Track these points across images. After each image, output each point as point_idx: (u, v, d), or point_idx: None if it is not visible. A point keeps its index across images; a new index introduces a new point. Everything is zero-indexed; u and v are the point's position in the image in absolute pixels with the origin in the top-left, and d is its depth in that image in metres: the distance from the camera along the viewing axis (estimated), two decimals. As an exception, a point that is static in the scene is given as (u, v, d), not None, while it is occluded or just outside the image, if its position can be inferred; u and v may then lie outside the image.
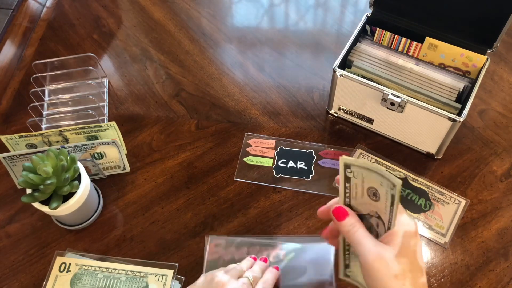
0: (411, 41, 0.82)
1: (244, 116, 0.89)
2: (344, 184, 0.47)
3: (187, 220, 0.76)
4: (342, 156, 0.45)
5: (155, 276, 0.70)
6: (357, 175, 0.45)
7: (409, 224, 0.45)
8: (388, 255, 0.43)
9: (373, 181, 0.45)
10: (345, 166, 0.46)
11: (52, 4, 1.09)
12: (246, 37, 1.03)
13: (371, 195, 0.46)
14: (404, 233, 0.44)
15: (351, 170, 0.46)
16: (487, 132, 0.86)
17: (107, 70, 0.96)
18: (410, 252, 0.43)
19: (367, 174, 0.45)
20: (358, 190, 0.47)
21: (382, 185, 0.44)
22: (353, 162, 0.45)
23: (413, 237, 0.44)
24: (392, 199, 0.44)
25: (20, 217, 0.77)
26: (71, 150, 0.75)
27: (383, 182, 0.44)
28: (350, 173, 0.46)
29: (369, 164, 0.44)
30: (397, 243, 0.43)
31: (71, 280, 0.70)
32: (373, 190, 0.45)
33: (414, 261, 0.43)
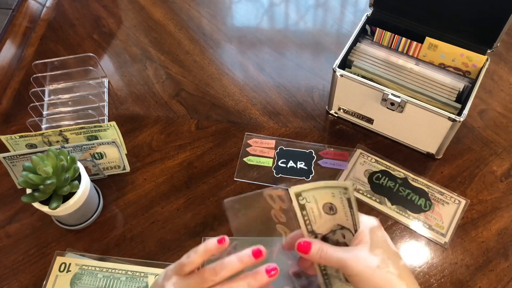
0: (411, 41, 0.82)
1: (244, 116, 0.89)
2: (301, 213, 0.47)
3: (187, 220, 0.76)
4: (290, 188, 0.46)
5: (155, 276, 0.70)
6: (310, 199, 0.47)
7: (370, 221, 0.47)
8: (363, 253, 0.45)
9: (325, 197, 0.46)
10: (296, 196, 0.46)
11: (52, 4, 1.09)
12: (246, 37, 1.03)
13: (328, 211, 0.47)
14: (369, 229, 0.46)
15: (303, 197, 0.47)
16: (487, 132, 0.86)
17: (107, 70, 0.96)
18: (381, 243, 0.46)
19: (317, 193, 0.46)
20: (315, 212, 0.48)
21: (334, 196, 0.46)
22: (301, 188, 0.46)
23: (378, 230, 0.46)
24: (349, 202, 0.46)
25: (20, 217, 0.77)
26: (71, 150, 0.75)
27: (334, 192, 0.46)
28: (302, 200, 0.47)
29: (315, 184, 0.45)
30: (367, 240, 0.46)
31: (71, 280, 0.70)
32: (328, 205, 0.47)
33: (388, 249, 0.46)
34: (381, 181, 0.80)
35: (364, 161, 0.82)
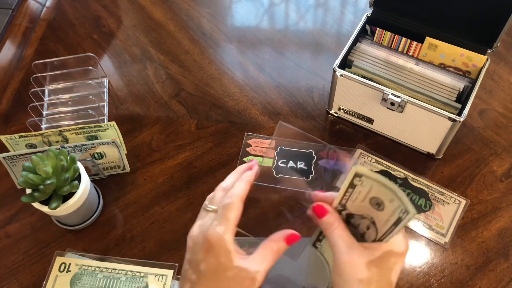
0: (411, 41, 0.82)
1: (244, 116, 0.89)
2: (346, 188, 0.45)
3: (187, 220, 0.76)
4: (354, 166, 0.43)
5: (155, 276, 0.70)
6: (365, 184, 0.44)
7: (398, 244, 0.44)
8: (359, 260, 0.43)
9: (383, 194, 0.43)
10: (356, 174, 0.43)
11: (52, 4, 1.09)
12: (246, 37, 1.02)
13: (374, 204, 0.44)
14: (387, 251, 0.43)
15: (361, 180, 0.43)
16: (487, 132, 0.86)
17: (107, 70, 0.96)
18: (385, 267, 0.43)
19: (378, 187, 0.43)
20: (360, 196, 0.45)
21: (391, 202, 0.43)
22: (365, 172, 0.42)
23: (395, 256, 0.43)
24: (397, 221, 0.42)
25: (20, 217, 0.77)
26: (71, 150, 0.75)
27: (395, 201, 0.42)
28: (358, 181, 0.44)
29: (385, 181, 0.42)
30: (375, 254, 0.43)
31: (71, 280, 0.70)
32: (378, 200, 0.44)
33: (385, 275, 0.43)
34: (381, 181, 0.80)
35: (364, 161, 0.82)
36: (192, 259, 0.45)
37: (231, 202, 0.46)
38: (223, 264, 0.42)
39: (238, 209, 0.46)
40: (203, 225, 0.46)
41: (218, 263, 0.43)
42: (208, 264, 0.43)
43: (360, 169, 0.43)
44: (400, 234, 0.44)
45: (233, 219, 0.45)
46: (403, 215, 0.41)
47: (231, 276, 0.42)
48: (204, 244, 0.44)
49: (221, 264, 0.43)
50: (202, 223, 0.46)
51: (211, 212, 0.47)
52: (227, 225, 0.44)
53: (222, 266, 0.42)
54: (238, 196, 0.46)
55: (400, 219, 0.42)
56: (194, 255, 0.45)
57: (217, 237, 0.43)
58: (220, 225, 0.44)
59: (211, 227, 0.44)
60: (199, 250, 0.44)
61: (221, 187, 0.50)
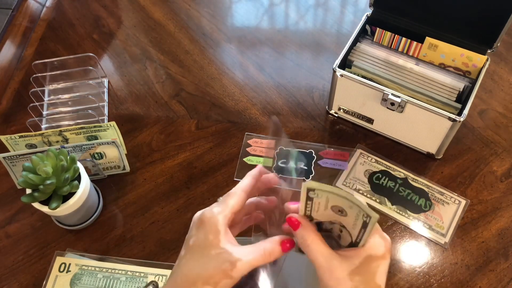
0: (411, 41, 0.82)
1: (244, 116, 0.89)
2: (305, 202, 0.44)
3: (187, 220, 0.76)
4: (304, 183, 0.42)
5: (155, 276, 0.70)
6: (321, 196, 0.43)
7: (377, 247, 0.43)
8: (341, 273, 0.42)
9: (340, 202, 0.42)
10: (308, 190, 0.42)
11: (52, 4, 1.09)
12: (246, 37, 1.02)
13: (336, 211, 0.44)
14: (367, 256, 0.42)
15: (315, 193, 0.43)
16: (487, 132, 0.86)
17: (107, 70, 0.96)
18: (368, 273, 0.42)
19: (334, 197, 0.42)
20: (321, 206, 0.44)
21: (351, 209, 0.42)
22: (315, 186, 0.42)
23: (375, 260, 0.42)
24: (364, 224, 0.42)
25: (20, 217, 0.77)
26: (71, 150, 0.75)
27: (353, 207, 0.41)
28: (313, 194, 0.43)
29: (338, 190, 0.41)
30: (355, 263, 0.42)
31: (71, 280, 0.70)
32: (339, 207, 0.43)
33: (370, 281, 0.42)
34: (381, 181, 0.80)
35: (364, 161, 0.82)
36: (186, 237, 0.46)
37: (232, 191, 0.48)
38: (209, 241, 0.43)
39: (238, 197, 0.47)
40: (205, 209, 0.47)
41: (205, 239, 0.43)
42: (196, 239, 0.44)
43: (310, 184, 0.42)
44: (377, 235, 0.43)
45: (231, 204, 0.46)
46: (367, 219, 0.41)
47: (214, 254, 0.43)
48: (198, 222, 0.45)
49: (207, 240, 0.43)
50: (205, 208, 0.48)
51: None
52: (223, 208, 0.45)
53: (208, 243, 0.43)
54: (240, 187, 0.48)
55: (365, 222, 0.41)
56: (189, 233, 0.46)
57: (210, 215, 0.45)
58: (217, 207, 0.46)
59: (207, 208, 0.46)
60: (193, 227, 0.46)
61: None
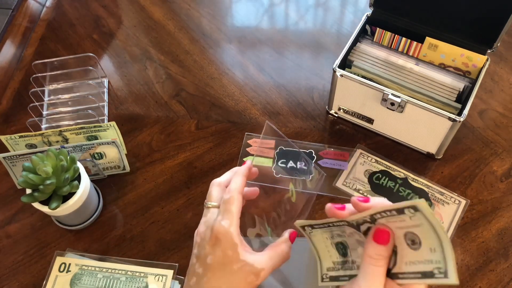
0: (411, 41, 0.82)
1: (244, 116, 0.89)
2: (391, 210, 0.38)
3: (187, 220, 0.76)
4: (421, 202, 0.35)
5: (155, 276, 0.70)
6: (415, 219, 0.37)
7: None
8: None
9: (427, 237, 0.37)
10: (411, 207, 0.36)
11: (52, 4, 1.09)
12: (246, 37, 1.02)
13: (408, 239, 0.38)
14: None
15: (414, 214, 0.37)
16: (487, 132, 0.86)
17: (107, 70, 0.96)
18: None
19: (427, 229, 0.37)
20: (401, 224, 0.38)
21: (432, 252, 0.36)
22: (426, 213, 0.36)
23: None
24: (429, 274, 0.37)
25: (20, 217, 0.77)
26: (71, 150, 0.75)
27: (437, 253, 0.36)
28: (410, 213, 0.37)
29: (439, 229, 0.35)
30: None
31: (71, 280, 0.70)
32: (416, 239, 0.37)
33: None
34: (381, 181, 0.80)
35: (364, 161, 0.82)
36: (199, 254, 0.46)
37: (231, 197, 0.47)
38: (230, 257, 0.43)
39: (238, 201, 0.47)
40: (208, 221, 0.47)
41: (224, 256, 0.43)
42: (215, 257, 0.44)
43: (422, 205, 0.36)
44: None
45: (235, 212, 0.46)
46: (439, 274, 0.36)
47: (236, 269, 0.43)
48: (211, 238, 0.45)
49: (227, 257, 0.43)
50: (206, 219, 0.48)
51: (211, 208, 0.48)
52: (231, 219, 0.45)
53: (228, 259, 0.43)
54: (236, 190, 0.47)
55: (432, 274, 0.36)
56: (202, 250, 0.46)
57: (223, 230, 0.44)
58: (224, 219, 0.45)
59: (216, 222, 0.45)
60: (206, 244, 0.45)
61: (215, 183, 0.52)
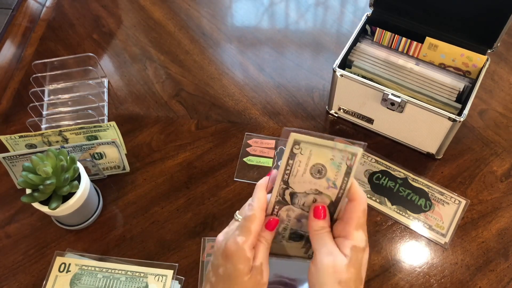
0: (411, 41, 0.82)
1: (244, 116, 0.89)
2: (287, 161, 0.46)
3: (187, 220, 0.76)
4: (292, 133, 0.44)
5: (155, 276, 0.70)
6: (304, 151, 0.45)
7: (360, 239, 0.47)
8: (340, 263, 0.45)
9: (322, 157, 0.45)
10: (294, 143, 0.45)
11: (52, 4, 1.09)
12: (246, 37, 1.02)
13: (314, 172, 0.46)
14: (352, 247, 0.46)
15: (299, 147, 0.45)
16: (487, 132, 0.86)
17: (107, 70, 0.96)
18: (357, 264, 0.46)
19: (316, 150, 0.45)
20: (301, 168, 0.46)
21: (333, 159, 0.45)
22: (302, 138, 0.44)
23: (361, 252, 0.46)
24: (348, 170, 0.45)
25: (19, 217, 0.77)
26: (71, 150, 0.75)
27: (336, 155, 0.44)
28: (297, 149, 0.45)
29: (320, 140, 0.44)
30: (348, 254, 0.46)
31: (71, 280, 0.70)
32: (318, 167, 0.46)
33: (359, 273, 0.46)
34: (381, 181, 0.80)
35: (364, 161, 0.82)
36: (213, 263, 0.49)
37: (252, 214, 0.48)
38: (240, 271, 0.46)
39: (259, 219, 0.48)
40: (228, 233, 0.49)
41: (235, 270, 0.46)
42: (225, 269, 0.47)
43: (296, 136, 0.44)
44: (360, 230, 0.47)
45: (253, 230, 0.47)
46: (351, 160, 0.44)
47: (247, 280, 0.46)
48: (224, 252, 0.47)
49: (238, 271, 0.46)
50: (227, 230, 0.50)
51: (237, 222, 0.50)
52: (247, 236, 0.47)
53: (238, 273, 0.46)
54: (259, 207, 0.49)
55: (349, 167, 0.45)
56: (215, 259, 0.49)
57: (236, 247, 0.46)
58: (241, 235, 0.47)
59: (232, 236, 0.48)
60: (219, 255, 0.48)
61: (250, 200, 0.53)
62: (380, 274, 0.71)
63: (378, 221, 0.76)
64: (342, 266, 0.45)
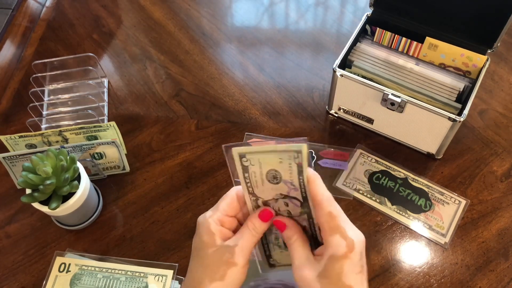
0: (411, 41, 0.82)
1: (244, 116, 0.89)
2: (243, 175, 0.45)
3: (187, 220, 0.76)
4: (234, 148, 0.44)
5: (155, 276, 0.70)
6: (254, 162, 0.44)
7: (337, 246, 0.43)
8: (311, 276, 0.44)
9: (271, 162, 0.44)
10: (240, 156, 0.44)
11: (52, 4, 1.09)
12: (246, 37, 1.02)
13: (271, 179, 0.45)
14: (329, 256, 0.43)
15: (247, 159, 0.44)
16: (487, 132, 0.86)
17: (107, 70, 0.96)
18: (334, 274, 0.43)
19: (263, 158, 0.44)
20: (257, 178, 0.45)
21: (282, 162, 0.44)
22: (245, 150, 0.44)
23: (339, 260, 0.43)
24: (299, 168, 0.43)
25: (19, 217, 0.77)
26: (71, 150, 0.75)
27: (283, 157, 0.43)
28: (246, 162, 0.45)
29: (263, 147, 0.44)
30: (322, 263, 0.44)
31: (71, 281, 0.70)
32: (272, 173, 0.45)
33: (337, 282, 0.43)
34: (381, 181, 0.80)
35: (364, 161, 0.82)
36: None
37: (225, 194, 0.49)
38: (205, 243, 0.46)
39: (230, 198, 0.49)
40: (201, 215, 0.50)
41: (201, 242, 0.47)
42: (194, 242, 0.48)
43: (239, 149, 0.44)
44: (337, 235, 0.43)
45: (221, 207, 0.48)
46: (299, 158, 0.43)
47: (211, 252, 0.46)
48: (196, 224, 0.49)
49: (203, 242, 0.46)
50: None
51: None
52: (215, 211, 0.48)
53: (204, 244, 0.46)
54: (234, 189, 0.49)
55: (299, 165, 0.43)
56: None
57: (203, 219, 0.48)
58: (210, 211, 0.48)
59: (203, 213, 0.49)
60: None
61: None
62: (380, 274, 0.71)
63: (378, 221, 0.76)
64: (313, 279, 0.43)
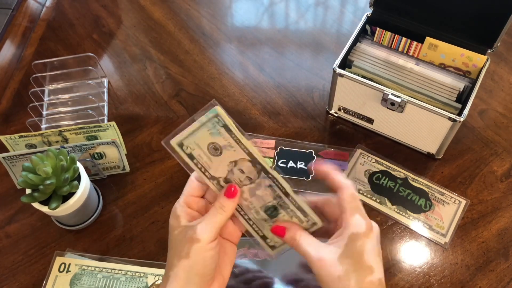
0: (411, 41, 0.82)
1: (244, 116, 0.89)
2: (193, 163, 0.48)
3: (187, 220, 0.76)
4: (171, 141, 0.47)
5: (155, 276, 0.70)
6: (192, 145, 0.47)
7: (358, 225, 0.44)
8: (330, 259, 0.44)
9: (204, 137, 0.46)
10: (179, 146, 0.47)
11: (52, 4, 1.09)
12: (246, 37, 1.02)
13: (214, 152, 0.47)
14: (350, 235, 0.44)
15: (186, 146, 0.47)
16: (487, 132, 0.86)
17: (107, 70, 0.96)
18: (355, 253, 0.43)
19: (196, 137, 0.46)
20: (204, 158, 0.47)
21: (211, 132, 0.46)
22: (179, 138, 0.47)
23: (360, 238, 0.43)
24: (226, 129, 0.45)
25: (19, 217, 0.77)
26: (71, 150, 0.75)
27: (209, 127, 0.46)
28: (187, 149, 0.47)
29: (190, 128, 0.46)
30: (341, 244, 0.44)
31: (71, 281, 0.70)
32: (211, 146, 0.47)
33: (359, 261, 0.43)
34: (381, 181, 0.80)
35: (364, 161, 0.82)
36: None
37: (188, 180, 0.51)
38: (173, 226, 0.49)
39: (191, 182, 0.51)
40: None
41: (170, 227, 0.50)
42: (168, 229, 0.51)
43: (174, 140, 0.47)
44: (357, 214, 0.45)
45: (185, 191, 0.51)
46: (221, 121, 0.45)
47: (177, 233, 0.48)
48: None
49: (171, 226, 0.49)
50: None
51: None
52: (180, 197, 0.51)
53: (171, 228, 0.49)
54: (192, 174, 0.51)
55: (225, 126, 0.45)
56: None
57: (173, 206, 0.50)
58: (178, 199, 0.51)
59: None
60: None
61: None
62: (380, 274, 0.71)
63: (378, 221, 0.76)
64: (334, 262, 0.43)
